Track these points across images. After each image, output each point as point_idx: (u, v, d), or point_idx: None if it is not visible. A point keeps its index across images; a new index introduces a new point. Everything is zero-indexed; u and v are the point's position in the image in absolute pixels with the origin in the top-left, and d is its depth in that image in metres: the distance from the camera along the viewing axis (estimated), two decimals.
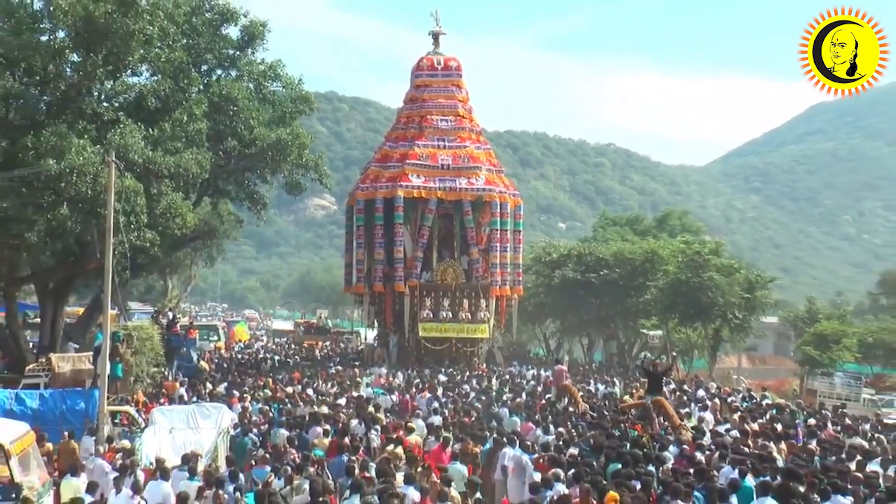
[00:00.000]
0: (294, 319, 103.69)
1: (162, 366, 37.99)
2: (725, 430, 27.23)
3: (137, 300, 67.40)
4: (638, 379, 45.87)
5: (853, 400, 53.94)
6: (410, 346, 50.15)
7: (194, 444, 22.19)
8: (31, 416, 23.58)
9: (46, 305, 40.80)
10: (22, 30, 33.53)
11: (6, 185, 31.36)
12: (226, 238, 48.11)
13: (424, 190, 50.54)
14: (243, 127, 39.41)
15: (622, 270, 64.06)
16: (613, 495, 16.20)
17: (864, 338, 71.90)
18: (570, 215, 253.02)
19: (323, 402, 31.35)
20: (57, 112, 34.45)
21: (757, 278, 63.51)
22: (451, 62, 54.63)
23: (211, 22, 40.55)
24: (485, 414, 29.12)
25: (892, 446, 25.90)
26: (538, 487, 17.67)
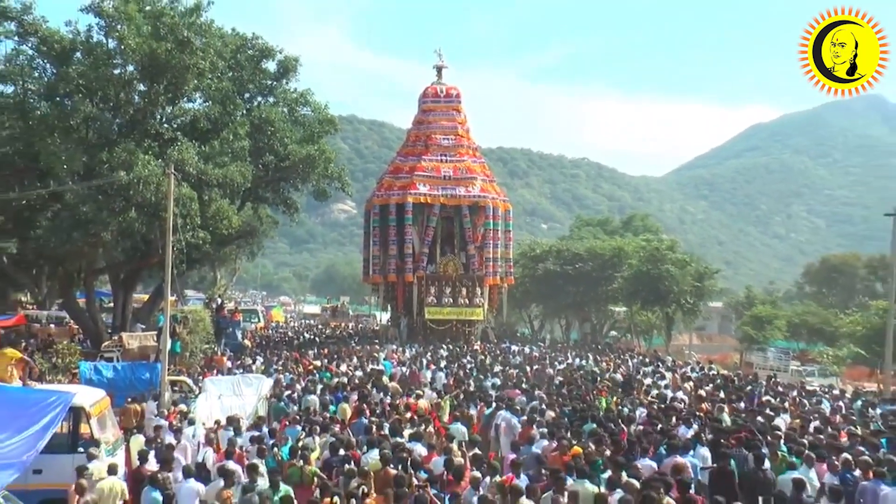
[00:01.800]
0: (321, 304, 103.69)
1: (212, 343, 37.93)
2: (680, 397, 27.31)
3: (192, 288, 67.49)
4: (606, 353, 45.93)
5: (783, 371, 53.75)
6: (418, 326, 50.16)
7: (239, 408, 22.11)
8: (107, 384, 23.58)
9: (118, 293, 40.96)
10: (99, 65, 33.52)
11: (86, 193, 31.43)
12: (264, 237, 48.04)
13: (430, 197, 50.64)
14: (279, 144, 39.36)
15: (594, 263, 64.29)
16: (577, 449, 16.18)
17: (791, 319, 72.08)
18: (550, 218, 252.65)
19: (345, 374, 31.40)
20: (126, 132, 34.48)
21: (705, 270, 63.72)
22: (452, 91, 54.71)
23: (252, 58, 40.48)
24: (476, 384, 29.02)
25: (813, 407, 25.92)
26: (521, 444, 17.74)
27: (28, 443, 13.54)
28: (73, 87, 34.02)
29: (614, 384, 30.11)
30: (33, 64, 35.18)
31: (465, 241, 51.77)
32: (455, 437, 18.06)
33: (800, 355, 68.75)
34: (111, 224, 31.75)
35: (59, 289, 43.09)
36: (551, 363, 37.49)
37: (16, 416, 14.18)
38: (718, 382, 32.64)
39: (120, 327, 37.25)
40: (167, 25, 33.76)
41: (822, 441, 17.93)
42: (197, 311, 40.76)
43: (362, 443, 17.39)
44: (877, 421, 23.27)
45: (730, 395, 28.21)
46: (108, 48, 34.42)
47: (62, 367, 28.71)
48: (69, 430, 16.26)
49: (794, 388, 34.17)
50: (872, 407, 27.28)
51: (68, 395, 15.92)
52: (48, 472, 15.20)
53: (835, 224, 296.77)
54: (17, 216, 35.19)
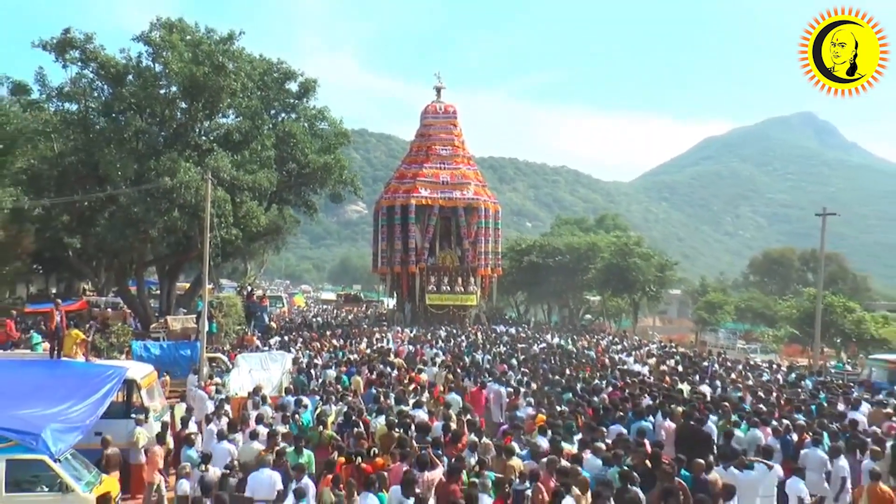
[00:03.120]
0: (336, 292, 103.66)
1: (243, 325, 38.04)
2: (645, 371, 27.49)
3: (226, 278, 67.43)
4: (581, 334, 46.05)
5: (731, 348, 54.16)
6: (420, 310, 50.33)
7: (266, 380, 22.22)
8: (154, 360, 23.67)
9: (163, 282, 41.19)
10: (147, 86, 33.71)
11: (137, 196, 31.53)
12: (288, 234, 47.95)
13: (430, 199, 50.81)
14: (300, 154, 39.39)
15: (571, 257, 64.38)
16: (542, 417, 16.30)
17: (738, 304, 72.43)
18: (534, 217, 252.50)
19: (359, 351, 31.51)
20: (170, 143, 34.57)
21: (666, 262, 63.78)
22: (449, 108, 54.85)
23: (277, 79, 40.52)
24: (470, 360, 29.13)
25: (755, 380, 26.06)
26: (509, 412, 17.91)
27: (90, 409, 13.75)
28: (126, 105, 34.44)
29: (589, 360, 30.30)
30: (93, 85, 35.39)
31: (461, 237, 51.96)
32: (451, 405, 18.21)
33: (745, 335, 69.22)
34: (158, 223, 31.94)
35: (115, 278, 43.22)
36: (535, 342, 37.67)
37: (80, 387, 14.40)
38: (677, 359, 32.85)
39: (165, 311, 37.33)
40: (205, 52, 34.00)
41: (762, 409, 18.10)
42: (230, 297, 40.95)
43: (372, 410, 17.53)
44: (806, 390, 23.50)
45: (687, 369, 28.41)
46: (155, 72, 34.57)
47: (117, 345, 28.79)
48: (123, 398, 16.39)
49: (740, 362, 34.38)
50: (803, 379, 27.50)
51: (122, 370, 16.11)
52: (106, 434, 15.30)
53: (775, 223, 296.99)
54: (80, 216, 35.37)
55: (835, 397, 21.08)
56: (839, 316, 49.79)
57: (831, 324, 48.37)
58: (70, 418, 13.21)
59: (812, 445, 14.38)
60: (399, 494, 10.77)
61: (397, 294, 56.05)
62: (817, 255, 53.10)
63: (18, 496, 11.88)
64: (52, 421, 12.63)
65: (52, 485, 12.04)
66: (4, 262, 40.59)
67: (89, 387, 14.51)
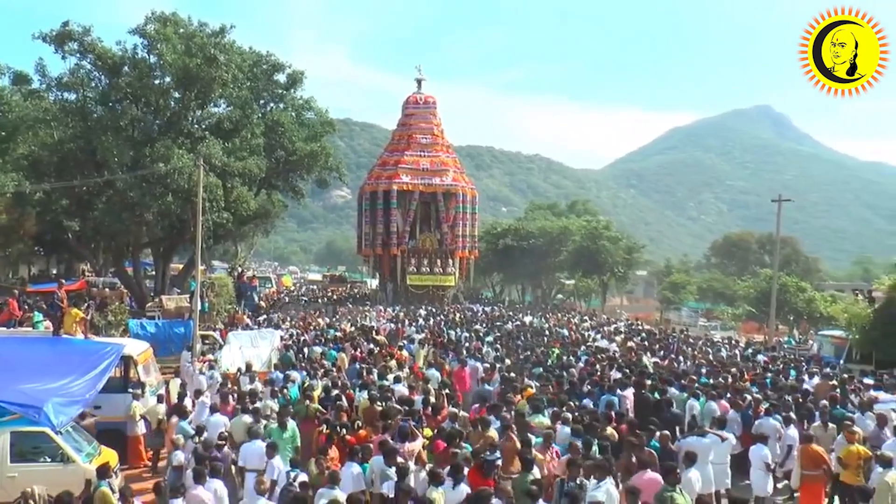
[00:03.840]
0: (322, 273, 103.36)
1: (234, 304, 37.99)
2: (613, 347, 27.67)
3: (218, 260, 67.09)
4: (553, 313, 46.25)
5: (693, 326, 54.65)
6: (401, 290, 50.45)
7: (255, 357, 22.18)
8: (150, 337, 23.53)
9: (158, 263, 41.04)
10: (143, 76, 33.73)
11: (133, 182, 31.49)
12: (276, 217, 47.77)
13: (411, 185, 50.85)
14: (288, 142, 39.38)
15: (544, 240, 64.59)
16: (530, 391, 16.49)
17: (700, 285, 73.12)
18: (509, 203, 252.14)
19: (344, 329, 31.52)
20: (165, 131, 34.50)
21: (633, 245, 64.42)
22: (429, 99, 54.78)
23: (266, 71, 40.37)
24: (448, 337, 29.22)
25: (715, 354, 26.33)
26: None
27: (90, 384, 13.72)
28: (122, 95, 34.36)
29: (560, 337, 30.46)
30: (91, 76, 35.29)
31: (440, 221, 52.00)
32: (431, 380, 18.29)
33: (706, 313, 69.88)
34: (153, 206, 31.94)
35: (112, 259, 43.01)
36: (509, 320, 37.82)
37: (80, 363, 14.36)
38: (643, 336, 33.11)
39: (160, 291, 37.19)
40: (197, 45, 34.00)
41: (720, 382, 18.32)
42: (222, 278, 40.86)
43: (355, 385, 17.59)
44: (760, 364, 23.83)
45: (652, 345, 28.66)
46: (150, 63, 34.53)
47: (115, 323, 28.65)
48: (121, 374, 16.35)
49: (701, 339, 34.75)
50: (758, 353, 27.88)
51: (120, 346, 16.07)
52: (105, 408, 15.38)
53: (735, 208, 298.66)
54: (79, 200, 35.14)
55: (789, 370, 21.51)
56: (792, 295, 50.50)
57: (785, 302, 49.03)
58: (70, 392, 13.17)
59: (766, 415, 14.60)
60: (381, 464, 10.84)
61: (380, 275, 56.18)
62: (773, 239, 53.64)
63: (22, 466, 11.88)
64: (53, 395, 12.61)
65: (55, 456, 12.06)
66: (7, 244, 40.38)
67: (88, 363, 14.47)
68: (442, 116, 55.29)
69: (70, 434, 12.67)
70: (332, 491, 9.75)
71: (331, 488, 9.85)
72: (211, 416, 14.35)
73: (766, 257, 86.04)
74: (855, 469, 12.21)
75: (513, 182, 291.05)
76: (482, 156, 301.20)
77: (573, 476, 10.15)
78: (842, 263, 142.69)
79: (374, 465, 11.01)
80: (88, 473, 11.14)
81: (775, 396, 16.46)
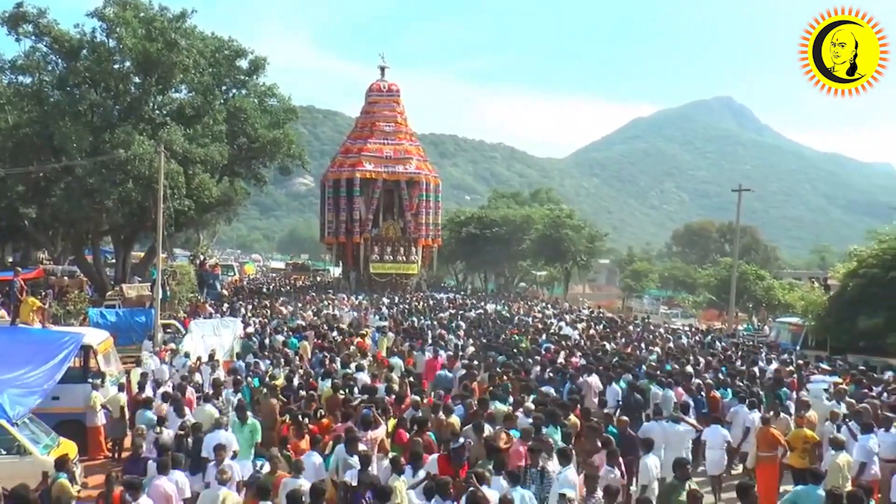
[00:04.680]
0: (285, 261, 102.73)
1: (196, 292, 37.70)
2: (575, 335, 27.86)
3: (179, 247, 66.22)
4: (516, 301, 46.41)
5: (655, 313, 55.15)
6: (364, 278, 50.24)
7: (218, 346, 22.03)
8: (110, 326, 23.20)
9: (119, 251, 40.76)
10: (102, 60, 33.39)
11: (92, 168, 31.20)
12: (238, 205, 47.51)
13: (374, 173, 50.61)
14: (250, 129, 39.17)
15: (507, 228, 64.68)
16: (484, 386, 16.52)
17: (661, 273, 73.99)
18: (472, 191, 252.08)
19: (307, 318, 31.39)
20: (125, 117, 34.25)
21: (596, 234, 64.76)
22: (393, 86, 54.45)
23: (229, 57, 40.04)
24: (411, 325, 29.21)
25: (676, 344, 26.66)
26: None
27: (48, 374, 13.53)
28: (80, 79, 34.02)
29: (523, 325, 30.56)
30: (47, 59, 34.97)
31: (403, 209, 51.82)
32: (395, 368, 18.30)
33: (668, 301, 70.69)
34: (113, 193, 31.60)
35: (71, 247, 42.50)
36: (472, 308, 37.89)
37: (38, 353, 14.14)
38: (605, 323, 33.37)
39: (121, 279, 36.82)
40: (158, 29, 33.75)
41: (679, 369, 18.56)
42: (183, 266, 40.44)
43: (318, 374, 17.55)
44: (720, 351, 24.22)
45: (614, 332, 28.91)
46: (109, 47, 34.16)
47: (74, 312, 28.26)
48: (80, 364, 16.12)
49: (661, 326, 35.14)
50: (718, 340, 28.28)
51: (79, 336, 15.85)
52: (64, 399, 15.11)
53: (696, 198, 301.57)
54: (36, 186, 34.55)
55: (754, 357, 21.96)
56: (752, 283, 51.28)
57: (744, 290, 49.75)
58: (27, 383, 12.97)
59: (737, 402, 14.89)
60: (343, 452, 10.81)
61: (343, 263, 55.92)
62: (733, 228, 54.43)
63: None
64: (9, 386, 12.41)
65: (10, 448, 11.84)
66: None
67: (46, 353, 14.25)
68: (405, 104, 55.07)
69: (27, 426, 12.46)
70: (297, 480, 9.73)
71: (295, 478, 9.84)
72: (172, 406, 14.20)
73: (726, 246, 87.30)
74: (800, 452, 12.52)
75: (476, 170, 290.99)
76: (446, 144, 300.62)
77: (534, 463, 10.23)
78: (800, 252, 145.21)
79: (336, 453, 10.98)
80: (46, 465, 10.99)
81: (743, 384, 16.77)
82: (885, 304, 25.89)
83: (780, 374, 17.97)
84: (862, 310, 26.50)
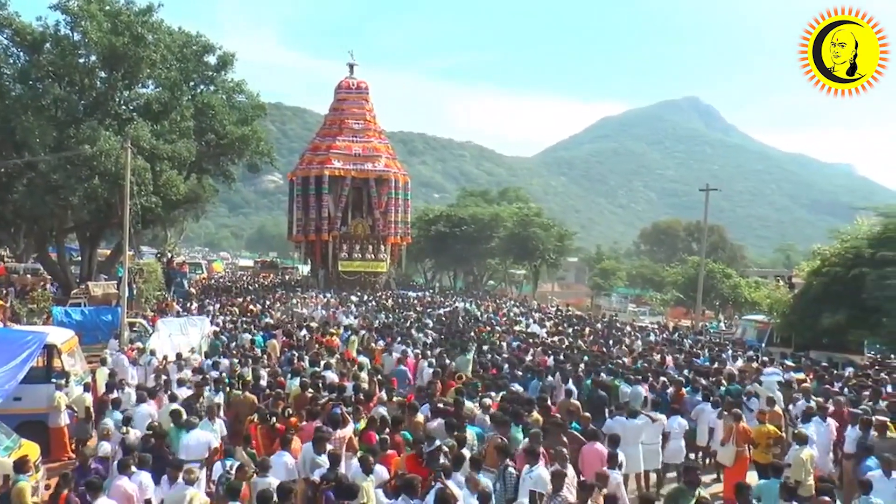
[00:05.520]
0: (254, 259, 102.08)
1: (163, 290, 37.39)
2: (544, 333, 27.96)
3: (147, 245, 65.65)
4: (485, 299, 46.51)
5: (623, 311, 55.56)
6: (333, 276, 50.12)
7: (185, 345, 21.85)
8: (75, 325, 22.92)
9: (85, 248, 40.20)
10: (66, 54, 32.96)
11: (56, 164, 30.77)
12: (207, 202, 47.11)
13: (343, 170, 50.49)
14: (218, 125, 38.83)
15: (476, 226, 64.78)
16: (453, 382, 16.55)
17: (630, 271, 74.49)
18: (441, 189, 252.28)
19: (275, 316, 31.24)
20: (90, 112, 33.86)
21: (564, 232, 65.05)
22: (362, 84, 54.34)
23: (196, 52, 39.65)
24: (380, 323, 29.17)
25: (643, 339, 26.86)
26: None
27: (9, 374, 13.27)
28: (44, 73, 33.48)
29: (492, 323, 30.62)
30: (8, 52, 34.35)
31: (372, 207, 51.74)
32: (363, 367, 18.24)
33: (636, 299, 71.21)
34: (78, 190, 31.14)
35: (35, 244, 41.91)
36: (440, 306, 37.91)
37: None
38: (574, 321, 33.55)
39: (86, 277, 36.34)
40: (124, 23, 33.36)
41: (646, 367, 18.69)
42: (151, 264, 40.16)
43: (287, 372, 17.45)
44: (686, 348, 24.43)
45: (582, 330, 29.06)
46: (73, 40, 33.77)
47: (37, 310, 27.89)
48: (44, 364, 15.84)
49: (629, 324, 35.39)
50: (685, 338, 28.54)
51: (43, 335, 15.56)
52: (26, 399, 14.81)
53: (664, 197, 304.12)
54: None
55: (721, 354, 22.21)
56: (718, 281, 51.89)
57: (711, 288, 50.28)
58: None
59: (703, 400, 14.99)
60: (311, 452, 10.73)
61: (311, 261, 55.73)
62: (701, 227, 54.95)
63: None
64: None
65: None
66: None
67: (8, 352, 13.96)
68: (374, 102, 55.01)
69: None
70: (265, 479, 9.66)
71: (263, 476, 9.76)
72: (138, 406, 14.01)
73: (693, 245, 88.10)
74: (764, 447, 12.70)
75: (445, 169, 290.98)
76: (415, 142, 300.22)
77: (501, 462, 10.20)
78: (765, 251, 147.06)
79: (303, 453, 10.88)
80: (6, 468, 10.76)
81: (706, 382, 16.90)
82: (847, 302, 26.28)
83: (753, 374, 18.14)
84: (825, 307, 26.87)
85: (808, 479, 10.87)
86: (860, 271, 26.19)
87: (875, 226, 29.55)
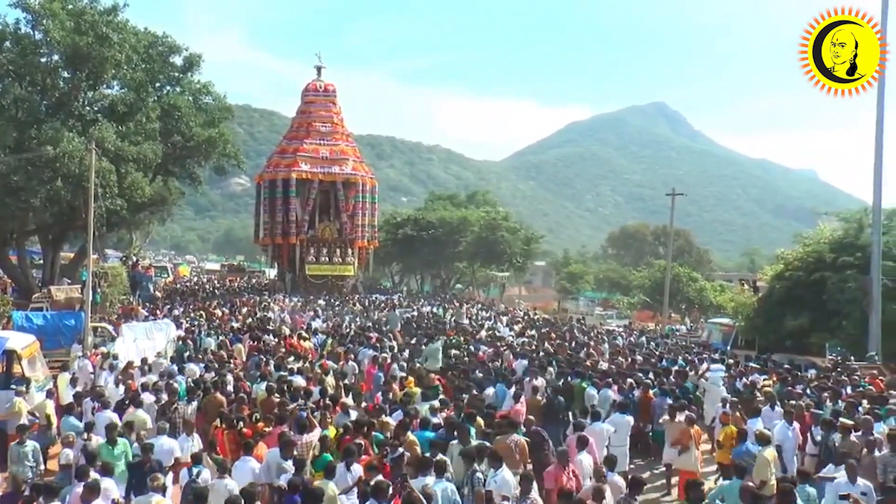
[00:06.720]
0: (221, 262, 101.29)
1: (128, 294, 36.99)
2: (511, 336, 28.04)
3: (111, 248, 64.83)
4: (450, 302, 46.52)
5: (590, 315, 55.84)
6: (300, 280, 49.86)
7: (151, 349, 21.64)
8: (37, 330, 22.54)
9: (47, 251, 39.63)
10: (27, 53, 32.62)
11: (17, 165, 30.25)
12: (173, 205, 46.71)
13: (310, 173, 50.27)
14: (185, 127, 38.62)
15: (444, 230, 64.72)
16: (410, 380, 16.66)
17: (597, 275, 74.91)
18: (409, 193, 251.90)
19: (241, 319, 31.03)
20: (53, 112, 33.50)
21: (532, 236, 65.24)
22: (329, 86, 54.12)
23: (162, 53, 39.39)
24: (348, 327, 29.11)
25: (610, 342, 27.04)
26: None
27: None
28: (3, 72, 33.00)
29: (460, 326, 30.64)
30: None
31: (339, 210, 51.51)
32: (329, 371, 18.16)
33: (603, 302, 71.57)
34: (40, 192, 30.70)
35: None
36: (408, 310, 37.86)
37: None
38: (541, 324, 33.69)
39: (49, 281, 35.85)
40: (88, 22, 33.03)
41: (613, 369, 18.83)
42: (115, 267, 39.68)
43: (254, 377, 17.33)
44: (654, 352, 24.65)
45: (549, 333, 29.19)
46: (34, 39, 33.35)
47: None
48: (3, 369, 15.61)
49: (596, 327, 35.61)
50: (651, 341, 28.80)
51: (2, 340, 15.35)
52: None
53: (631, 201, 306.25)
54: None
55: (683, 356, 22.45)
56: (685, 285, 52.44)
57: (678, 292, 50.81)
58: None
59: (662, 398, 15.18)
60: (277, 457, 10.64)
61: (278, 264, 55.43)
62: (667, 231, 55.49)
63: None
64: None
65: None
66: None
67: None
68: (342, 105, 54.87)
69: None
70: (223, 481, 9.59)
71: (220, 478, 9.69)
72: (101, 413, 13.79)
73: (660, 248, 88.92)
74: (728, 449, 12.84)
75: (413, 172, 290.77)
76: (382, 145, 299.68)
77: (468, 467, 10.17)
78: (731, 255, 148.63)
79: (269, 458, 10.79)
80: None
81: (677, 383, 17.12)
82: (809, 306, 26.76)
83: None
84: (788, 311, 27.33)
85: (771, 479, 10.99)
86: (821, 275, 26.68)
87: (836, 230, 30.08)
